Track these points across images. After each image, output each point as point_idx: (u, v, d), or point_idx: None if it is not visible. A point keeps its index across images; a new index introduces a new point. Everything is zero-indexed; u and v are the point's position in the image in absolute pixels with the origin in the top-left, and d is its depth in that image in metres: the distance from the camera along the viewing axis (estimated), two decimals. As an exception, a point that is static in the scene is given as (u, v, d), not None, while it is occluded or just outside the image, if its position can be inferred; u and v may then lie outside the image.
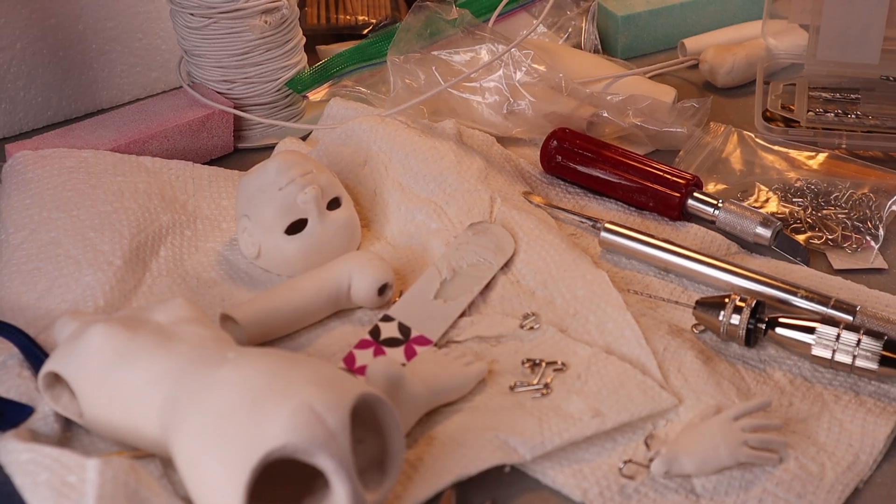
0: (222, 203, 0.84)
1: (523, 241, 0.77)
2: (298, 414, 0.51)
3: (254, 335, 0.70)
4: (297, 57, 0.96)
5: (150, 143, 0.88)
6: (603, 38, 1.08)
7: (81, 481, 0.54)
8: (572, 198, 0.86)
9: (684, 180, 0.82)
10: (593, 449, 0.62)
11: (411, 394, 0.62)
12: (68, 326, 0.64)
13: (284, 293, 0.71)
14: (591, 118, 0.91)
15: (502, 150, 0.89)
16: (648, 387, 0.64)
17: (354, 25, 1.10)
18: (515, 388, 0.66)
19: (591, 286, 0.72)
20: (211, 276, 0.78)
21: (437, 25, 0.94)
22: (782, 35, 1.02)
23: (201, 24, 0.90)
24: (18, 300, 0.73)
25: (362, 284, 0.72)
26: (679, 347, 0.67)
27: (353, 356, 0.69)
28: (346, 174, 0.86)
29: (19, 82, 0.98)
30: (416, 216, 0.81)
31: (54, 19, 0.98)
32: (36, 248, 0.76)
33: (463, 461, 0.60)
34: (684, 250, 0.76)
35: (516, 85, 0.90)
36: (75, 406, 0.62)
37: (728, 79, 1.01)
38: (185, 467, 0.53)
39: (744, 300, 0.68)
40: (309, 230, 0.76)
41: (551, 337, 0.70)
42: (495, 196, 0.80)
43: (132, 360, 0.58)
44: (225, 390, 0.53)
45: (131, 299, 0.75)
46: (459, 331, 0.72)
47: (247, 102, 0.94)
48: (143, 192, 0.81)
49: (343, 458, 0.51)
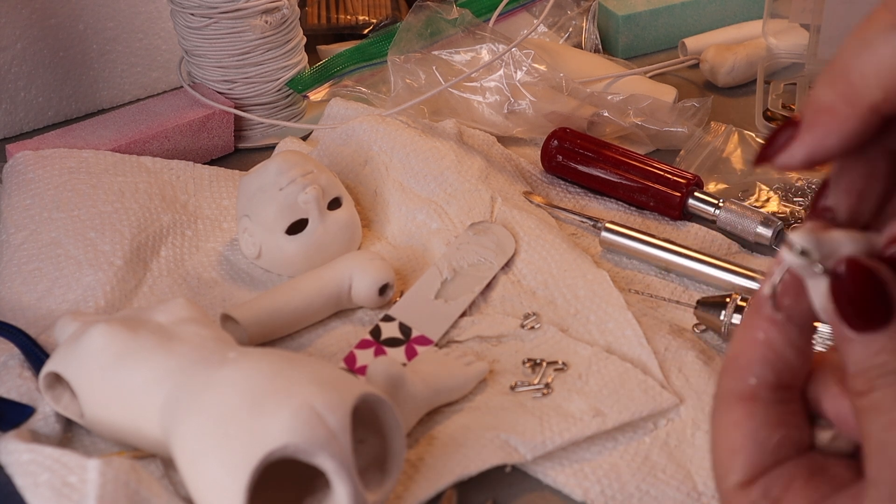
0: (223, 203, 0.84)
1: (524, 241, 0.77)
2: (299, 414, 0.51)
3: (255, 335, 0.70)
4: (298, 57, 0.96)
5: (150, 143, 0.88)
6: (603, 37, 1.08)
7: (82, 482, 0.54)
8: (573, 197, 0.86)
9: (685, 180, 0.82)
10: (594, 448, 0.62)
11: (412, 394, 0.62)
12: (69, 327, 0.64)
13: (285, 293, 0.71)
14: (592, 118, 0.91)
15: (503, 149, 0.89)
16: (649, 386, 0.64)
17: (355, 25, 1.10)
18: (516, 388, 0.66)
19: (591, 286, 0.72)
20: (212, 276, 0.78)
21: (437, 25, 0.94)
22: (783, 34, 1.02)
23: (202, 24, 0.90)
24: (19, 300, 0.73)
25: (363, 284, 0.72)
26: (680, 347, 0.67)
27: (353, 356, 0.69)
28: (346, 174, 0.86)
29: (20, 82, 0.98)
30: (416, 216, 0.81)
31: (55, 19, 0.98)
32: (37, 249, 0.76)
33: (464, 461, 0.59)
34: (685, 250, 0.76)
35: (517, 84, 0.90)
36: (76, 406, 0.62)
37: (729, 78, 1.01)
38: (185, 467, 0.53)
39: (745, 300, 0.68)
40: (310, 230, 0.76)
41: (552, 337, 0.70)
42: (496, 196, 0.80)
43: (133, 361, 0.58)
44: (226, 390, 0.53)
45: (132, 299, 0.75)
46: (460, 331, 0.72)
47: (247, 102, 0.94)
48: (144, 192, 0.81)
49: (344, 459, 0.51)
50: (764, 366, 0.35)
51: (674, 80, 1.04)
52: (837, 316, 0.32)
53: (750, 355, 0.35)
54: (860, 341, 0.32)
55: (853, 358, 0.32)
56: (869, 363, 0.32)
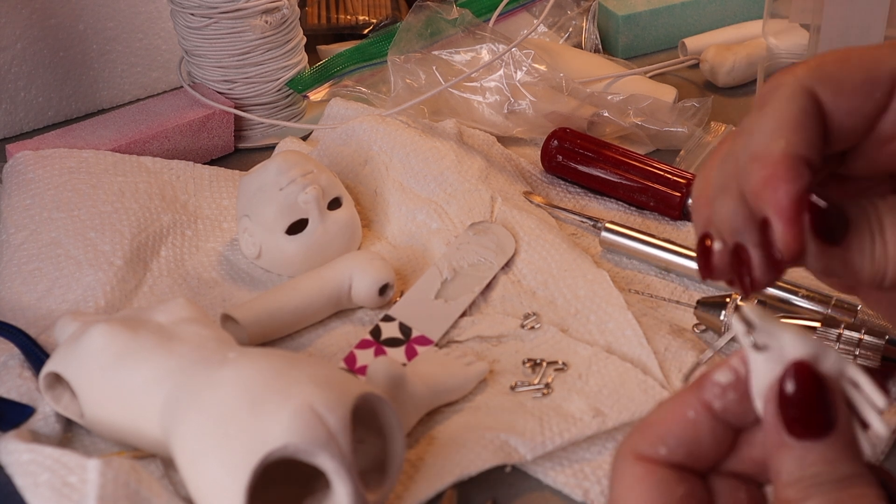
0: (223, 203, 0.84)
1: (524, 241, 0.77)
2: (299, 414, 0.51)
3: (255, 335, 0.69)
4: (298, 57, 0.96)
5: (150, 143, 0.88)
6: (603, 37, 1.08)
7: (82, 482, 0.54)
8: (573, 197, 0.86)
9: (685, 180, 0.82)
10: (594, 448, 0.62)
11: (412, 394, 0.62)
12: (69, 327, 0.64)
13: (285, 293, 0.71)
14: (592, 118, 0.91)
15: (503, 149, 0.89)
16: (649, 386, 0.64)
17: (355, 25, 1.10)
18: (516, 388, 0.66)
19: (592, 286, 0.72)
20: (212, 276, 0.78)
21: (437, 25, 0.94)
22: (783, 34, 1.02)
23: (202, 24, 0.90)
24: (19, 300, 0.73)
25: (363, 284, 0.72)
26: (680, 347, 0.67)
27: (353, 356, 0.69)
28: (346, 174, 0.86)
29: (20, 82, 0.98)
30: (416, 216, 0.81)
31: (55, 19, 0.98)
32: (37, 249, 0.76)
33: (464, 461, 0.59)
34: (685, 250, 0.76)
35: (517, 85, 0.90)
36: (76, 406, 0.62)
37: (729, 78, 1.01)
38: (185, 467, 0.53)
39: (745, 300, 0.68)
40: (310, 230, 0.76)
41: (552, 337, 0.70)
42: (496, 196, 0.80)
43: (133, 361, 0.58)
44: (226, 390, 0.53)
45: (132, 299, 0.75)
46: (460, 331, 0.72)
47: (247, 102, 0.94)
48: (144, 192, 0.81)
49: (344, 459, 0.51)
50: (680, 443, 0.34)
51: (674, 80, 1.04)
52: (779, 419, 0.32)
53: (670, 427, 0.34)
54: (798, 448, 0.31)
55: (788, 466, 0.32)
56: (804, 472, 0.31)
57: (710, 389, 0.34)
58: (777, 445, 0.32)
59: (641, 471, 0.34)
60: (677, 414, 0.34)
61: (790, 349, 0.32)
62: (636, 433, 0.35)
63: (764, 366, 0.32)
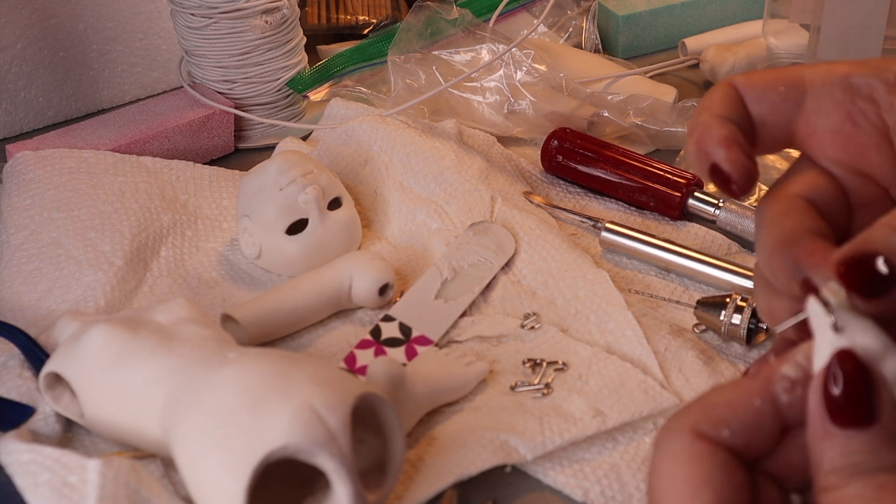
0: (223, 203, 0.84)
1: (524, 241, 0.77)
2: (299, 414, 0.51)
3: (255, 335, 0.70)
4: (298, 57, 0.96)
5: (150, 144, 0.88)
6: (603, 37, 1.08)
7: (82, 482, 0.54)
8: (573, 197, 0.86)
9: (685, 180, 0.82)
10: (594, 448, 0.62)
11: (412, 394, 0.62)
12: (69, 327, 0.64)
13: (285, 293, 0.71)
14: (592, 118, 0.91)
15: (503, 149, 0.89)
16: (649, 386, 0.64)
17: (355, 25, 1.10)
18: (516, 388, 0.66)
19: (592, 286, 0.72)
20: (212, 276, 0.78)
21: (437, 25, 0.94)
22: (783, 34, 1.02)
23: (202, 24, 0.90)
24: (19, 300, 0.73)
25: (363, 284, 0.72)
26: (680, 347, 0.67)
27: (353, 356, 0.69)
28: (346, 174, 0.86)
29: (20, 82, 0.98)
30: (416, 216, 0.81)
31: (55, 19, 0.98)
32: (37, 249, 0.76)
33: (464, 461, 0.59)
34: (685, 250, 0.76)
35: (517, 85, 0.90)
36: (76, 406, 0.62)
37: (729, 78, 1.01)
38: (185, 467, 0.53)
39: (745, 300, 0.68)
40: (310, 230, 0.76)
41: (552, 337, 0.70)
42: (496, 196, 0.80)
43: (133, 361, 0.58)
44: (226, 390, 0.53)
45: (132, 299, 0.75)
46: (460, 331, 0.72)
47: (247, 102, 0.94)
48: (144, 192, 0.81)
49: (344, 459, 0.51)
50: (743, 429, 0.34)
51: (674, 80, 1.04)
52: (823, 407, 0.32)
53: (736, 412, 0.34)
54: (841, 437, 0.32)
55: (830, 454, 0.32)
56: (847, 461, 0.32)
57: (780, 382, 0.34)
58: (820, 434, 0.32)
59: (703, 450, 0.34)
60: (744, 400, 0.34)
61: (860, 338, 0.33)
62: (697, 411, 0.35)
63: (827, 353, 0.33)
